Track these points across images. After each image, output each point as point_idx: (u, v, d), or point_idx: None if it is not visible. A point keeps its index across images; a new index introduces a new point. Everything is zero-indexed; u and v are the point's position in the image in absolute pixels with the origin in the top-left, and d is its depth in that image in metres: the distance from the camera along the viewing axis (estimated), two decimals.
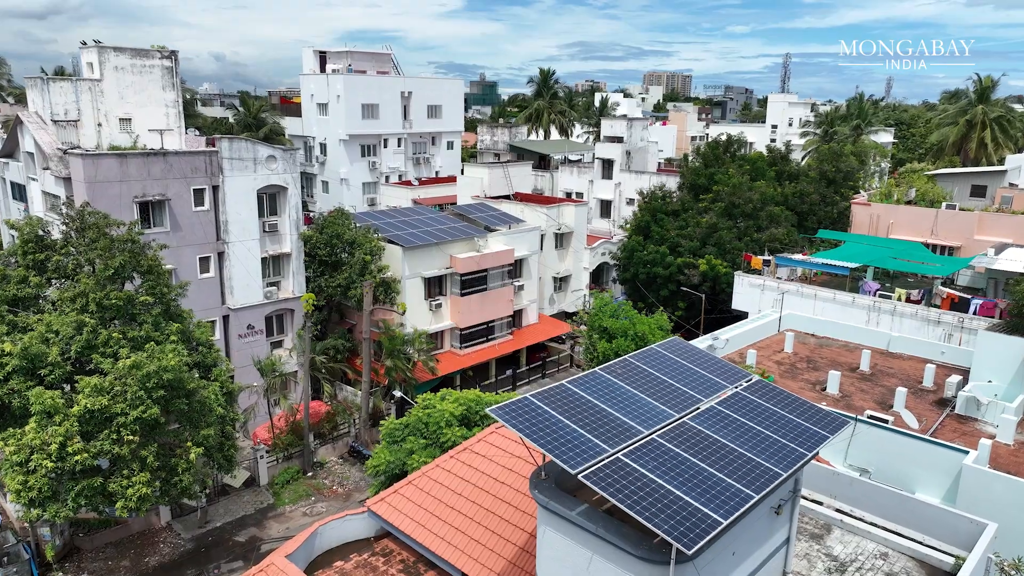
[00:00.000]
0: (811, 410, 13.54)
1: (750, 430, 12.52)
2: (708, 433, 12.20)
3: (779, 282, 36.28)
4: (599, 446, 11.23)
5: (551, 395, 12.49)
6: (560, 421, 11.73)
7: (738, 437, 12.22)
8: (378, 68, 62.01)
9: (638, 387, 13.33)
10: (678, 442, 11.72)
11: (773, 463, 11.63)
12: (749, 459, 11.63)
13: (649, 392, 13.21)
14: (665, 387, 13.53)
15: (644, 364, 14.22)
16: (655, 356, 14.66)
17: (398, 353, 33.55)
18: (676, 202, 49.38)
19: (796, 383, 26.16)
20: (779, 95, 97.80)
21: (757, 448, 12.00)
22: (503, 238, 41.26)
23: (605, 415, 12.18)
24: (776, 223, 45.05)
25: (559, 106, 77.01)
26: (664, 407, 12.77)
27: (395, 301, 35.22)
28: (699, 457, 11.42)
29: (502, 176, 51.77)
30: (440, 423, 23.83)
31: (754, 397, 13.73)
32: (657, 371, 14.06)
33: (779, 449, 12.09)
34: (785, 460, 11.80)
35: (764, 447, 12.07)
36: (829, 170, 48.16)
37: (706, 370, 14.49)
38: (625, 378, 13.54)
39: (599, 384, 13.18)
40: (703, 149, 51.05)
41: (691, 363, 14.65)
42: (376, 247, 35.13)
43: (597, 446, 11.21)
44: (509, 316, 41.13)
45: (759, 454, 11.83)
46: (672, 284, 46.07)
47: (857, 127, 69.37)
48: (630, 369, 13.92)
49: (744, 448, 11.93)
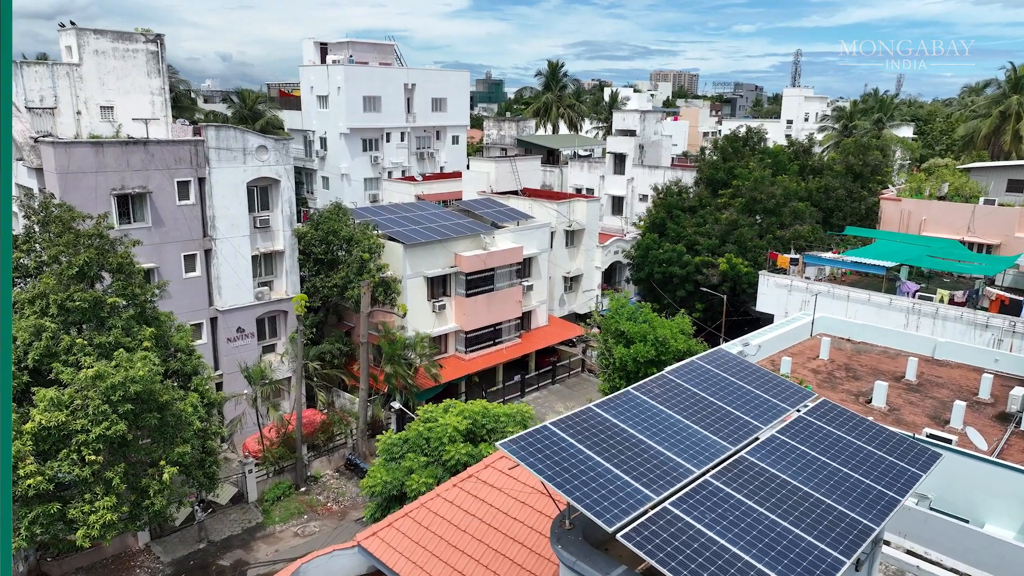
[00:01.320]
0: (892, 440, 11.09)
1: (824, 467, 10.07)
2: (773, 472, 9.76)
3: (808, 282, 33.75)
4: (639, 492, 8.82)
5: (577, 423, 10.05)
6: (590, 458, 9.30)
7: (811, 477, 9.78)
8: (380, 59, 59.65)
9: (681, 411, 10.89)
10: (738, 485, 9.29)
11: (860, 512, 9.20)
12: (830, 507, 9.19)
13: (695, 418, 10.77)
14: (713, 411, 11.09)
15: (686, 382, 11.79)
16: (698, 372, 12.21)
17: (398, 358, 31.17)
18: (693, 198, 46.92)
19: (836, 394, 23.66)
20: (794, 89, 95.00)
21: (837, 492, 9.56)
22: (511, 235, 38.86)
23: (644, 449, 9.75)
24: (800, 220, 42.52)
25: (568, 100, 74.54)
26: (715, 437, 10.33)
27: (395, 302, 32.83)
28: (767, 505, 8.99)
29: (509, 171, 49.38)
30: (443, 439, 21.46)
31: (821, 423, 11.28)
32: (702, 390, 11.62)
33: (864, 493, 9.64)
34: (874, 508, 9.36)
35: (845, 490, 9.62)
36: (856, 164, 45.54)
37: (759, 388, 12.04)
38: (665, 400, 11.11)
39: (634, 408, 10.75)
40: (721, 142, 48.52)
41: (741, 380, 12.21)
42: (375, 244, 32.73)
43: (637, 492, 8.80)
44: (517, 318, 38.72)
45: (841, 500, 9.39)
46: (689, 284, 43.61)
47: (879, 121, 66.67)
48: (669, 388, 11.49)
49: (821, 492, 9.49)
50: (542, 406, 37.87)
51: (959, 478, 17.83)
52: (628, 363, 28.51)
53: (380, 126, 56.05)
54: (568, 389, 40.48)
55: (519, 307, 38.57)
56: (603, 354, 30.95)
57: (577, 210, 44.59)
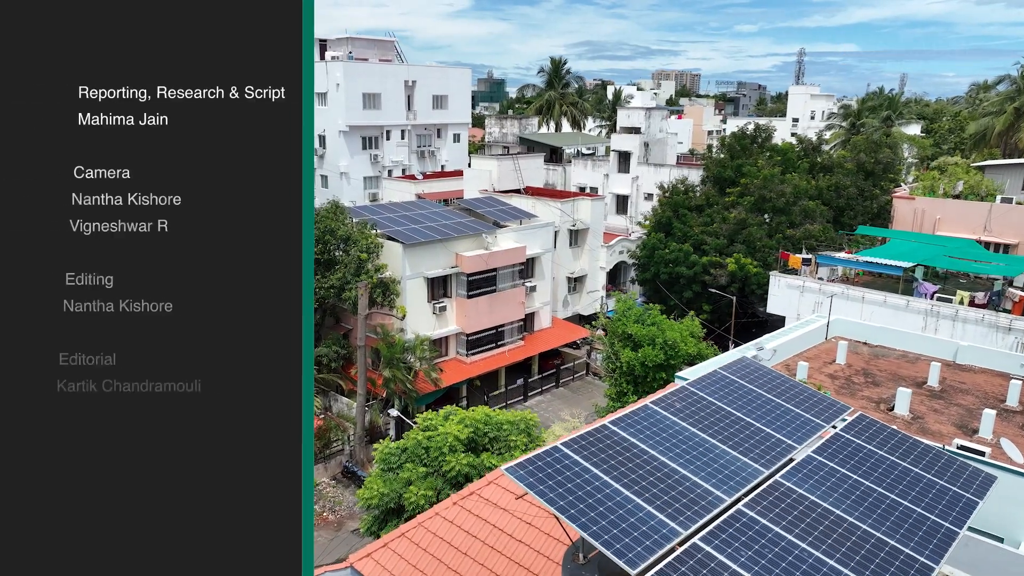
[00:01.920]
0: (940, 460, 10.00)
1: (869, 493, 8.97)
2: (813, 499, 8.67)
3: (821, 283, 32.63)
4: (664, 525, 7.73)
5: (591, 444, 8.95)
6: (607, 484, 8.21)
7: (856, 504, 8.68)
8: (380, 56, 58.64)
9: (707, 429, 9.79)
10: (776, 515, 8.20)
11: (915, 547, 8.11)
12: (880, 541, 8.09)
13: (723, 436, 9.67)
14: (742, 427, 10.00)
15: (710, 394, 10.70)
16: (722, 383, 11.11)
17: (397, 362, 30.09)
18: (700, 196, 45.81)
19: (856, 401, 22.55)
20: (800, 87, 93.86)
21: (887, 522, 8.46)
22: (514, 235, 37.77)
23: (668, 473, 8.66)
24: (811, 219, 41.40)
25: (571, 97, 73.43)
26: (746, 459, 9.23)
27: (394, 304, 31.76)
28: (809, 540, 7.89)
29: (512, 169, 48.30)
30: (442, 448, 20.38)
31: (860, 440, 10.18)
32: (728, 404, 10.53)
33: (917, 523, 8.54)
34: (930, 541, 8.27)
35: (896, 520, 8.52)
36: (867, 161, 44.38)
37: (790, 401, 10.94)
38: (688, 416, 10.01)
39: (654, 425, 9.65)
40: (728, 140, 47.40)
41: (769, 392, 11.11)
42: (373, 244, 31.67)
43: (662, 525, 7.71)
44: (520, 320, 37.64)
45: (892, 532, 8.29)
46: (696, 285, 42.51)
47: (887, 119, 65.49)
48: (693, 402, 10.39)
49: (868, 522, 8.39)
50: (546, 410, 36.80)
51: (993, 493, 16.72)
52: (636, 367, 27.43)
53: (380, 124, 55.01)
54: (572, 393, 39.39)
55: (522, 309, 37.49)
56: (609, 357, 29.86)
57: (581, 209, 43.51)
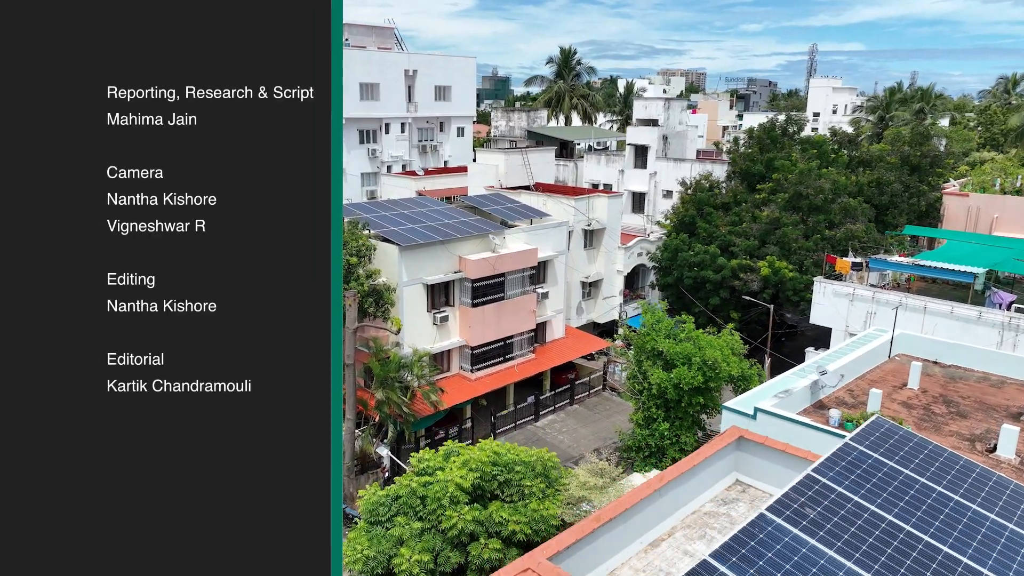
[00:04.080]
0: None
1: None
2: None
3: (874, 291, 28.69)
4: None
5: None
6: None
7: None
8: (379, 44, 54.88)
9: (863, 559, 5.97)
10: None
11: None
12: None
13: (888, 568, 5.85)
14: (923, 554, 6.18)
15: (853, 491, 6.88)
16: (867, 470, 7.27)
17: (392, 382, 26.27)
18: (727, 194, 41.90)
19: (944, 438, 18.60)
20: (822, 79, 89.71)
21: None
22: (524, 235, 33.92)
23: None
24: (851, 217, 37.44)
25: (582, 90, 69.55)
26: None
27: (388, 315, 27.94)
28: None
29: (521, 164, 44.44)
30: (442, 499, 16.59)
31: None
32: (887, 509, 6.70)
33: None
34: None
35: None
36: (912, 155, 40.37)
37: (976, 499, 7.11)
38: (828, 534, 6.19)
39: (782, 556, 5.83)
40: (757, 132, 43.49)
41: (940, 482, 7.26)
42: (365, 246, 27.85)
43: None
44: (531, 330, 33.79)
45: None
46: (724, 290, 38.60)
47: (920, 111, 61.42)
48: (829, 507, 6.56)
49: None
50: (560, 431, 32.97)
51: None
52: (668, 390, 23.54)
53: (378, 116, 51.26)
54: (589, 411, 35.52)
55: (533, 318, 33.64)
56: (635, 376, 25.97)
57: (597, 207, 39.63)
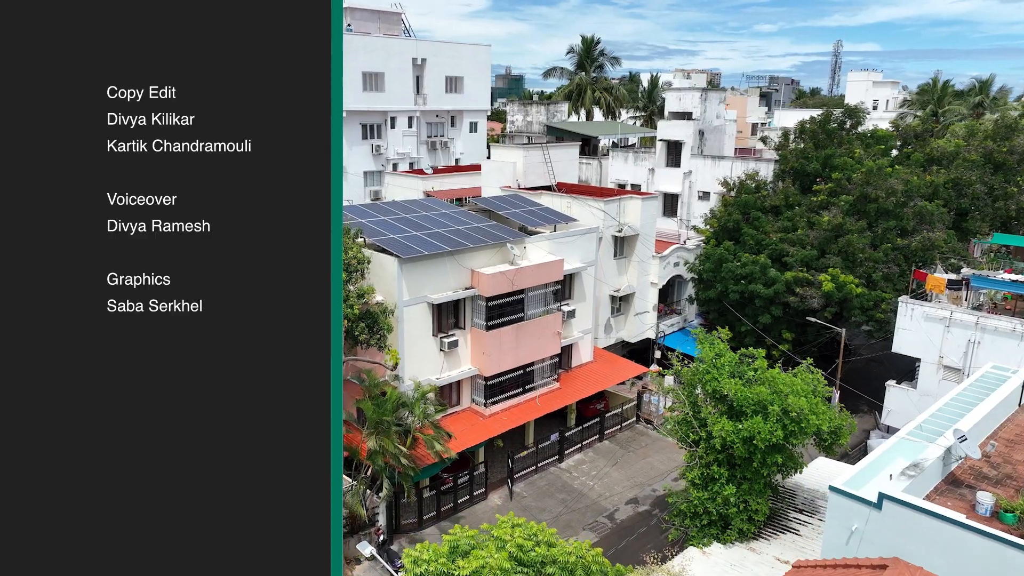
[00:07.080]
0: None
1: None
2: None
3: (978, 315, 23.48)
4: None
5: None
6: None
7: None
8: (385, 30, 50.04)
9: None
10: None
11: None
12: None
13: None
14: None
15: None
16: None
17: (387, 426, 21.36)
18: (776, 195, 36.76)
19: None
20: (861, 72, 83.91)
21: None
22: (548, 244, 28.98)
23: None
24: (927, 224, 32.21)
25: (605, 82, 64.43)
26: None
27: (385, 343, 23.02)
28: None
29: (541, 161, 39.49)
30: None
31: None
32: None
33: None
34: None
35: None
36: (996, 151, 34.99)
37: None
38: None
39: None
40: (809, 125, 38.29)
41: None
42: (357, 259, 22.94)
43: None
44: (555, 356, 28.84)
45: None
46: (777, 307, 33.46)
47: (979, 105, 55.88)
48: None
49: None
50: (589, 475, 28.01)
51: None
52: (736, 446, 18.46)
53: (383, 109, 46.50)
54: (621, 448, 30.50)
55: (558, 341, 28.69)
56: (687, 422, 20.92)
57: (630, 210, 34.60)
